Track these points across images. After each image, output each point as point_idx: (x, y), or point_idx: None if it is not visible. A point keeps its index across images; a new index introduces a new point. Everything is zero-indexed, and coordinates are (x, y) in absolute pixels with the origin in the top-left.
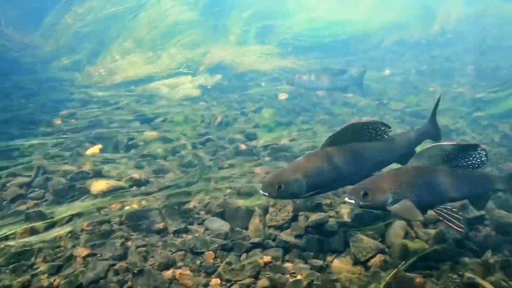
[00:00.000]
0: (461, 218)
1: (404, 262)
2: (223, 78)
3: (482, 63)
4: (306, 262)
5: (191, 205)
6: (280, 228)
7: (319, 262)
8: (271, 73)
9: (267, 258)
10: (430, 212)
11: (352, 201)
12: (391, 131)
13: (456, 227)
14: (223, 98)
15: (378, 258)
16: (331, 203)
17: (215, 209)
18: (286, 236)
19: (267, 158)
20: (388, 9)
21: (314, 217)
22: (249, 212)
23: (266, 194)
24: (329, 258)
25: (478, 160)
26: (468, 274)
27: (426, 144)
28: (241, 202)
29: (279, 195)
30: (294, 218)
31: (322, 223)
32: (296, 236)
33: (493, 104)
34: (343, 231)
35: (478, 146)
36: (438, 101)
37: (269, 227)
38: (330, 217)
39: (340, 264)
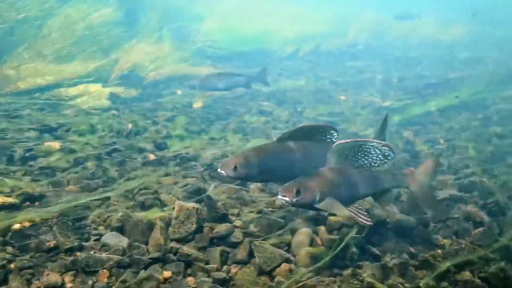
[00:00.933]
0: (367, 214)
1: (308, 271)
2: (137, 86)
3: (390, 73)
4: (208, 275)
5: (88, 220)
6: (184, 240)
7: (222, 275)
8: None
9: (167, 274)
10: (332, 217)
11: (286, 198)
12: (337, 134)
13: (364, 221)
14: (135, 106)
15: (283, 267)
16: (239, 213)
17: (114, 224)
18: (189, 249)
19: (176, 168)
20: (305, 20)
21: (219, 228)
22: (150, 226)
23: (223, 172)
24: (233, 270)
25: (381, 156)
26: (368, 279)
27: None
28: (142, 215)
29: (235, 175)
30: (199, 229)
31: (228, 234)
32: (200, 249)
33: (399, 112)
34: (248, 241)
35: (380, 143)
36: (385, 120)
37: (172, 240)
38: (236, 227)
39: (244, 276)
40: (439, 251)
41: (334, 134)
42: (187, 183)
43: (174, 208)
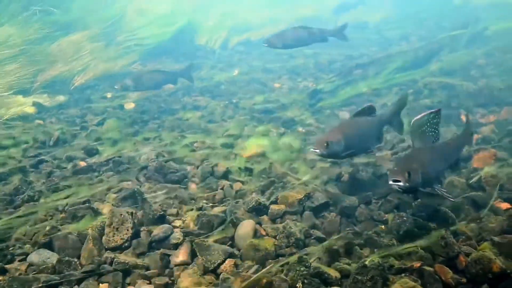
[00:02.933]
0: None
1: (254, 263)
2: (63, 92)
3: (320, 57)
4: (150, 282)
5: (12, 239)
6: (120, 248)
7: (164, 280)
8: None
9: (103, 286)
10: (274, 206)
11: (317, 150)
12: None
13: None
14: (62, 114)
15: (228, 263)
16: (178, 212)
17: (42, 240)
18: (126, 256)
19: (109, 173)
20: (234, 11)
21: (157, 230)
22: (83, 237)
23: (317, 151)
24: (176, 273)
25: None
26: (315, 264)
27: None
28: (72, 227)
29: (328, 152)
30: (136, 235)
31: (167, 235)
32: (139, 255)
33: (333, 94)
34: (189, 240)
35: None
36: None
37: (107, 249)
38: (176, 227)
39: (187, 278)
40: (383, 226)
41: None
42: (122, 188)
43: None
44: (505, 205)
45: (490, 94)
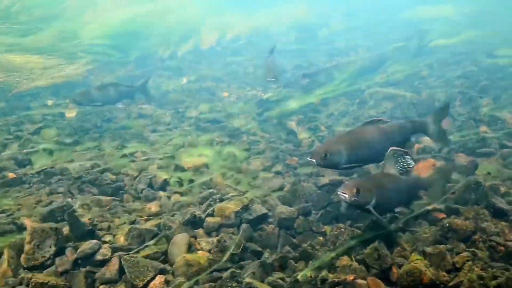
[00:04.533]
0: None
1: (185, 280)
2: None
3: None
4: None
5: None
6: (41, 267)
7: None
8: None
9: None
10: (210, 219)
11: (314, 161)
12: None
13: None
14: None
15: (158, 280)
16: (109, 226)
17: None
18: (46, 276)
19: (40, 185)
20: (185, 18)
21: (84, 246)
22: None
23: (314, 161)
24: None
25: None
26: (247, 279)
27: None
28: None
29: (325, 163)
30: (60, 251)
31: (93, 251)
32: (61, 273)
33: (280, 103)
34: (118, 256)
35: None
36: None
37: (25, 269)
38: (105, 242)
39: None
40: (321, 238)
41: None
42: (51, 201)
43: None
44: (441, 215)
45: (432, 104)
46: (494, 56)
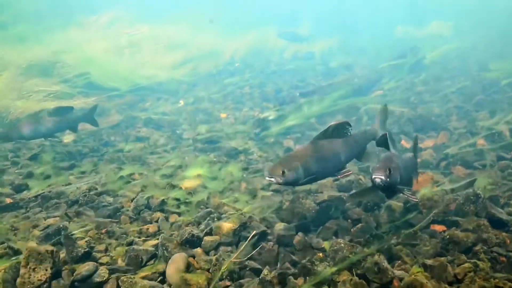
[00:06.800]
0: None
1: None
2: None
3: (266, 86)
4: None
5: None
6: None
7: None
8: None
9: None
10: (208, 238)
11: (272, 179)
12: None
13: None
14: None
15: None
16: (107, 248)
17: None
18: None
19: (36, 209)
20: (179, 46)
21: (81, 269)
22: None
23: (272, 179)
24: None
25: None
26: None
27: None
28: None
29: (284, 181)
30: (56, 275)
31: (90, 274)
32: None
33: (277, 122)
34: (115, 278)
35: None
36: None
37: None
38: (102, 264)
39: None
40: (321, 254)
41: (349, 129)
42: (48, 225)
43: None
44: (440, 227)
45: (428, 120)
46: (487, 70)
